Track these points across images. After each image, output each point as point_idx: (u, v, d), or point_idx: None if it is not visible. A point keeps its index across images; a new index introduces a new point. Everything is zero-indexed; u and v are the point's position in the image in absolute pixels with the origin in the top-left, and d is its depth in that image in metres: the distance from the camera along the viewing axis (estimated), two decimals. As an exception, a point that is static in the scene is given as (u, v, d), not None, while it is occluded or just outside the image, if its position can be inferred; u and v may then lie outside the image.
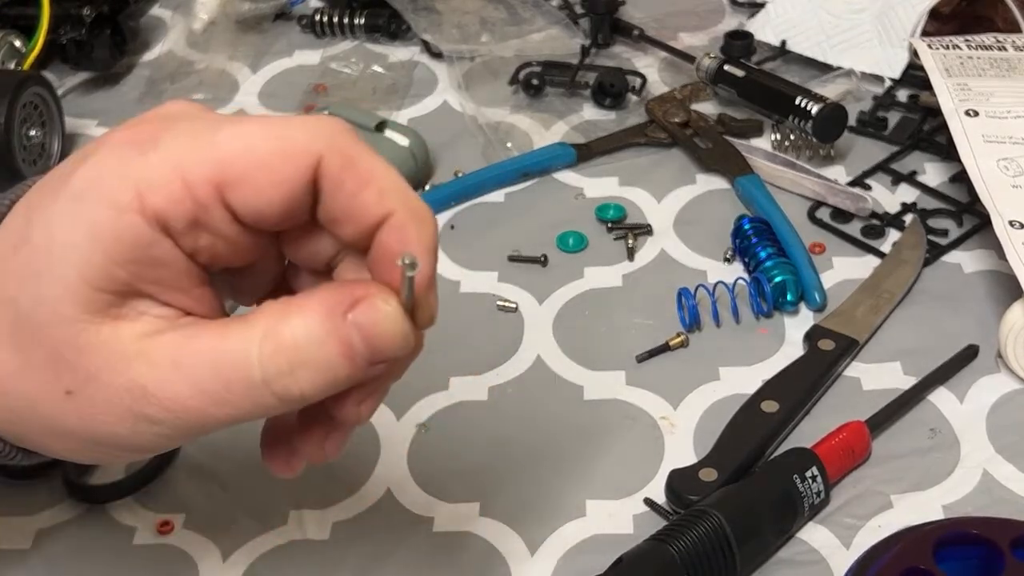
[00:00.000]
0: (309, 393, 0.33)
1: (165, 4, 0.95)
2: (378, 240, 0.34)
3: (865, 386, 0.58)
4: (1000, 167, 0.63)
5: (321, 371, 0.32)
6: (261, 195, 0.32)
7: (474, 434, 0.57)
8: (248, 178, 0.32)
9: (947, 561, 0.44)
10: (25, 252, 0.33)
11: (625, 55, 0.86)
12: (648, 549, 0.47)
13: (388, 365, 0.34)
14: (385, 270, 0.34)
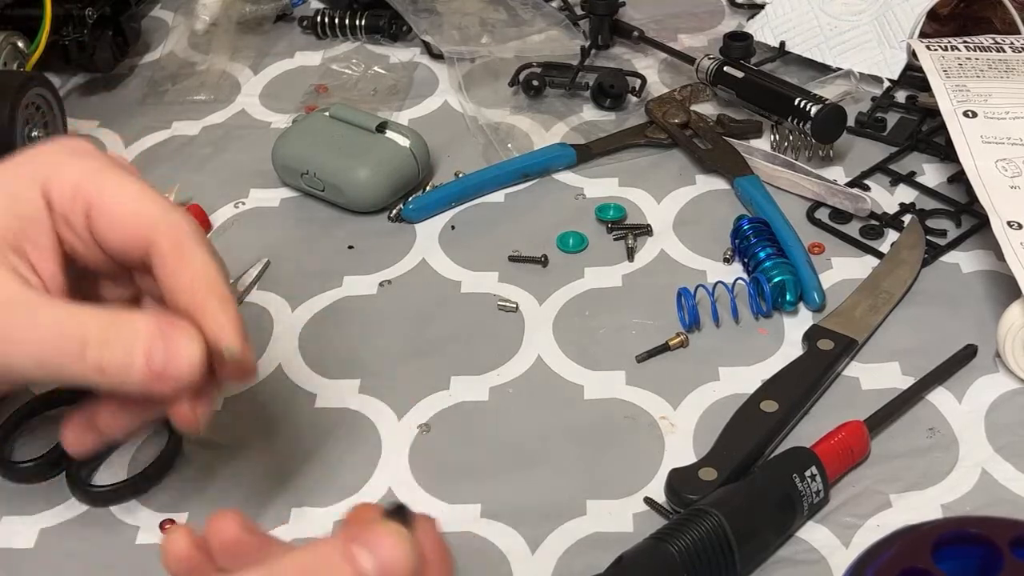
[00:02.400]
0: (109, 370, 0.41)
1: (167, 5, 0.95)
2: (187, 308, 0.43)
3: (864, 386, 0.58)
4: (998, 168, 0.63)
5: (121, 362, 0.40)
6: (107, 231, 0.43)
7: (474, 434, 0.57)
8: (106, 216, 0.43)
9: (946, 560, 0.44)
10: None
11: (625, 56, 0.86)
12: (648, 548, 0.47)
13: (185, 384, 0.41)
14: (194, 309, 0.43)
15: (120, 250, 0.44)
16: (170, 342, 0.41)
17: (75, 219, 0.43)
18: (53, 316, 0.41)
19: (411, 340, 0.63)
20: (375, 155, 0.71)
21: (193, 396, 0.43)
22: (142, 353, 0.40)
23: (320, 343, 0.63)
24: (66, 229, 0.44)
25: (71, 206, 0.43)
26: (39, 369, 0.41)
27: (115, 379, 0.41)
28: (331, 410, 0.59)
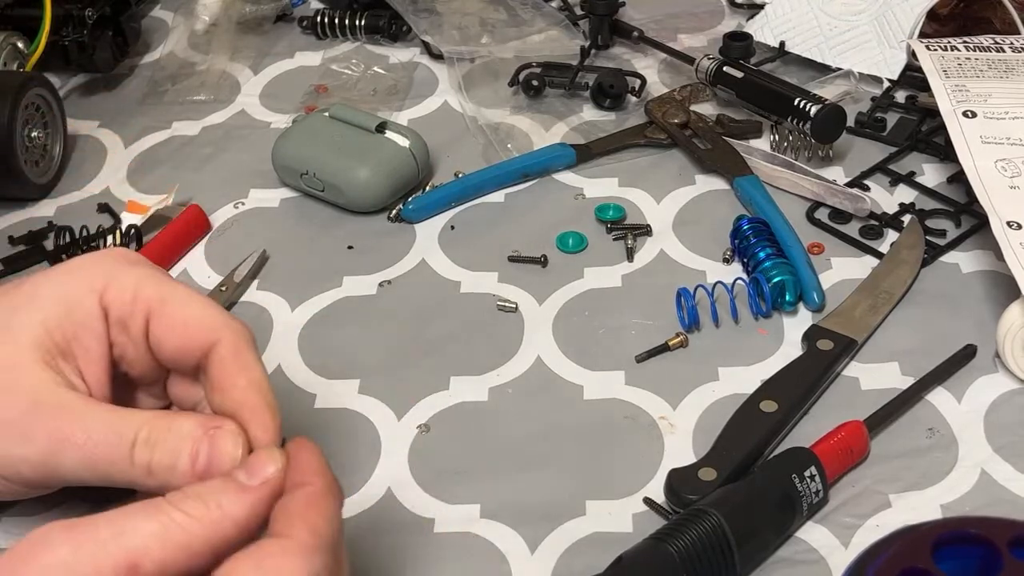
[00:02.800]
0: (157, 471, 0.42)
1: (167, 5, 0.95)
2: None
3: (863, 386, 0.58)
4: (998, 168, 0.63)
5: (168, 463, 0.42)
6: (167, 334, 0.45)
7: (474, 434, 0.57)
8: (168, 319, 0.45)
9: (945, 560, 0.44)
10: (12, 293, 0.46)
11: (625, 56, 0.86)
12: (647, 548, 0.47)
13: None
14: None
15: (175, 353, 0.46)
16: (215, 441, 0.42)
17: (133, 323, 0.46)
18: (102, 419, 0.43)
19: (411, 340, 0.63)
20: (375, 155, 0.71)
21: None
22: (188, 454, 0.42)
23: (320, 343, 0.63)
24: (120, 333, 0.46)
25: (130, 310, 0.45)
26: (88, 471, 0.43)
27: (161, 479, 0.42)
28: (331, 410, 0.59)
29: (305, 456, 0.42)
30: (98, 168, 0.78)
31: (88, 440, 0.43)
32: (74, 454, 0.43)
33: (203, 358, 0.45)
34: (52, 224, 0.72)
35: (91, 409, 0.44)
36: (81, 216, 0.73)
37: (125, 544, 0.37)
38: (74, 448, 0.43)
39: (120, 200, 0.74)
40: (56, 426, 0.43)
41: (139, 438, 0.42)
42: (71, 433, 0.43)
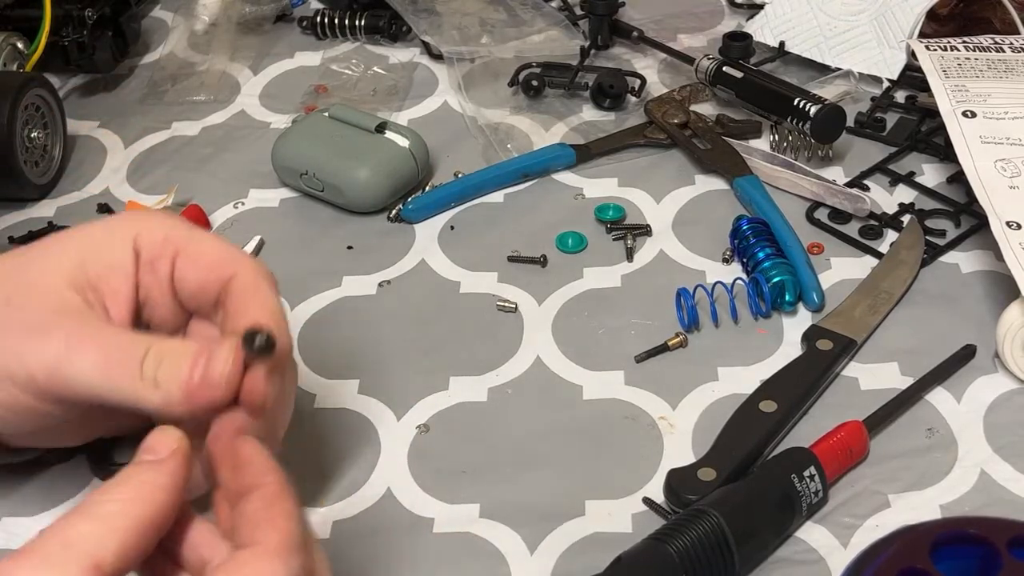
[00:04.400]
0: (163, 383, 0.44)
1: (167, 6, 0.95)
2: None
3: (863, 386, 0.58)
4: (997, 168, 0.63)
5: (172, 375, 0.44)
6: (191, 270, 0.48)
7: (473, 434, 0.57)
8: (193, 257, 0.48)
9: (944, 561, 0.44)
10: (51, 237, 0.49)
11: (624, 56, 0.86)
12: (646, 548, 0.47)
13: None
14: None
15: (197, 288, 0.48)
16: (213, 353, 0.44)
17: (161, 264, 0.48)
18: (118, 333, 0.46)
19: (410, 340, 0.63)
20: (375, 155, 0.71)
21: (232, 430, 0.44)
22: (189, 365, 0.44)
23: (319, 343, 0.63)
24: (148, 274, 0.49)
25: (160, 251, 0.48)
26: (99, 376, 0.44)
27: (164, 392, 0.44)
28: (330, 410, 0.59)
29: (249, 454, 0.42)
30: (98, 168, 0.78)
31: (104, 345, 0.45)
32: (89, 356, 0.44)
33: (222, 292, 0.48)
34: (52, 224, 0.72)
35: (109, 325, 0.47)
36: (81, 216, 0.73)
37: (80, 551, 0.37)
38: (90, 350, 0.45)
39: (120, 200, 0.74)
40: (75, 328, 0.45)
41: (150, 351, 0.45)
42: (89, 335, 0.45)
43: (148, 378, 0.44)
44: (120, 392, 0.45)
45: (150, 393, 0.44)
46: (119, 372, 0.45)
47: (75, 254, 0.48)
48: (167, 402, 0.44)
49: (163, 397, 0.44)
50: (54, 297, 0.47)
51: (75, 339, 0.45)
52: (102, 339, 0.46)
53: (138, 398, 0.44)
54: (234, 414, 0.45)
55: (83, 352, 0.45)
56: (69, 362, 0.45)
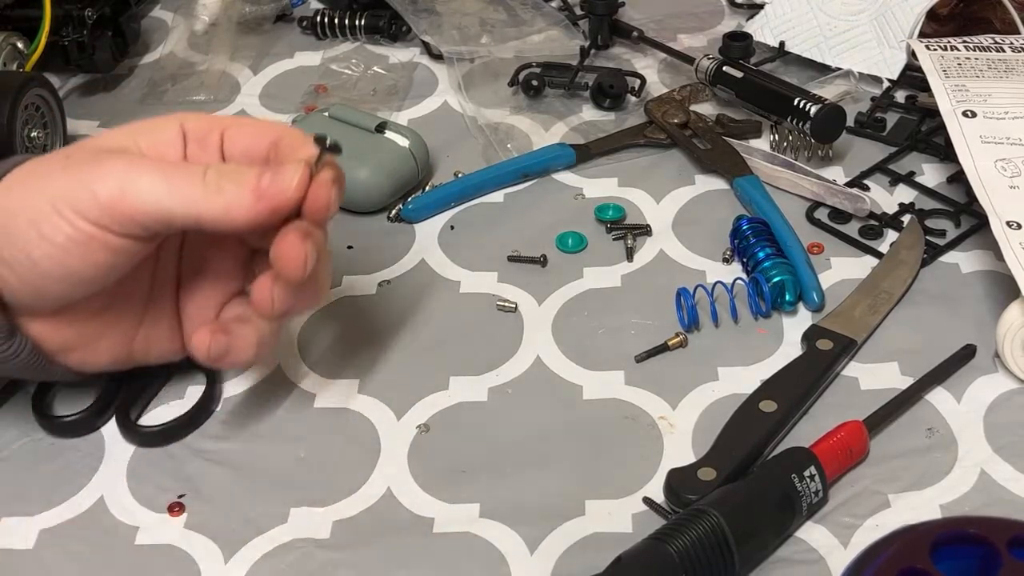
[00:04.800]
0: (227, 191, 0.48)
1: (167, 6, 0.95)
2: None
3: (863, 386, 0.58)
4: (998, 168, 0.63)
5: (236, 184, 0.49)
6: (239, 140, 0.53)
7: (474, 434, 0.57)
8: (240, 129, 0.54)
9: (944, 560, 0.44)
10: (102, 133, 0.54)
11: (624, 56, 0.86)
12: (646, 548, 0.47)
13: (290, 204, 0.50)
14: None
15: (246, 152, 0.53)
16: (278, 171, 0.49)
17: (210, 140, 0.53)
18: (174, 161, 0.52)
19: (410, 340, 0.63)
20: (375, 155, 0.71)
21: (300, 234, 0.49)
22: (254, 175, 0.49)
23: (319, 343, 0.63)
24: (197, 149, 0.53)
25: (207, 129, 0.53)
26: (164, 189, 0.48)
27: (229, 197, 0.48)
28: (330, 410, 0.59)
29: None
30: (98, 168, 0.78)
31: (163, 166, 0.49)
32: (150, 174, 0.48)
33: (270, 151, 0.52)
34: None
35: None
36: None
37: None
38: (151, 169, 0.49)
39: (120, 200, 0.74)
40: (135, 158, 0.50)
41: (210, 168, 0.49)
42: (148, 162, 0.50)
43: (212, 184, 0.48)
44: (183, 201, 0.48)
45: (213, 198, 0.48)
46: (181, 182, 0.48)
47: (127, 132, 0.52)
48: (233, 205, 0.48)
49: (228, 201, 0.48)
50: (110, 149, 0.51)
51: (136, 161, 0.49)
52: (160, 162, 0.50)
53: (201, 205, 0.48)
54: (298, 224, 0.50)
55: (144, 169, 0.49)
56: (133, 179, 0.48)
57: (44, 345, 0.53)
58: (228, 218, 0.48)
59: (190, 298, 0.57)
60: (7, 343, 0.51)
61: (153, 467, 0.56)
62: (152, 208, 0.48)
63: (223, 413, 0.59)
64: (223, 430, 0.58)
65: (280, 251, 0.50)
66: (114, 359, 0.56)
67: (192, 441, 0.57)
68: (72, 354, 0.54)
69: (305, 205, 0.50)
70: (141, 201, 0.48)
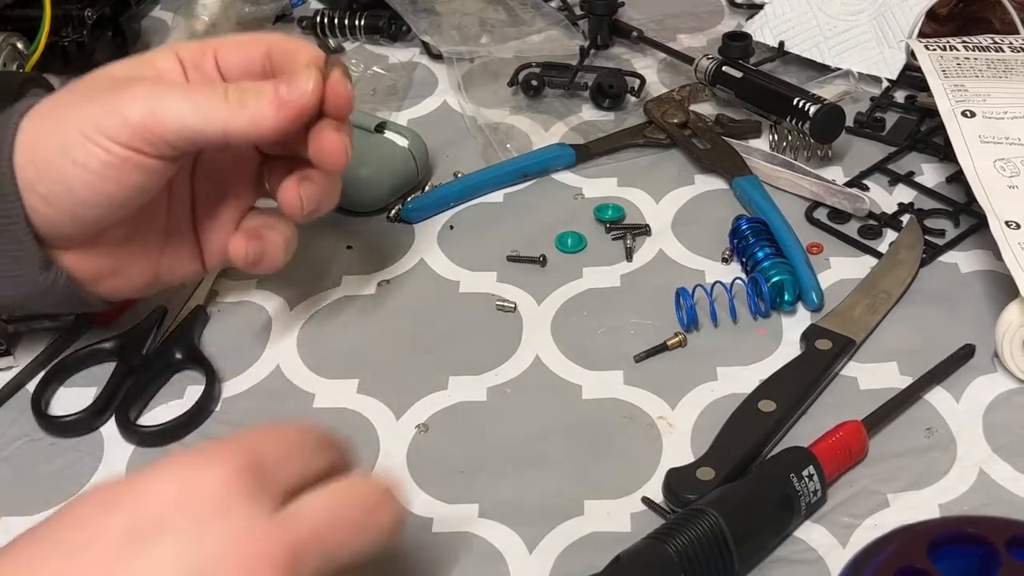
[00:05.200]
0: (248, 104, 0.52)
1: (167, 5, 0.95)
2: None
3: (862, 385, 0.58)
4: (997, 168, 0.63)
5: (256, 97, 0.52)
6: (233, 55, 0.56)
7: (472, 434, 0.57)
8: (231, 46, 0.56)
9: (943, 560, 0.44)
10: (105, 67, 0.55)
11: (624, 56, 0.86)
12: (645, 548, 0.48)
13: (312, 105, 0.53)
14: None
15: (243, 65, 0.55)
16: (293, 77, 0.52)
17: (205, 61, 0.55)
18: (192, 84, 0.55)
19: (409, 340, 0.63)
20: (374, 155, 0.71)
21: (334, 128, 0.54)
22: (272, 87, 0.52)
23: (319, 343, 0.63)
24: (196, 72, 0.55)
25: (200, 54, 0.55)
26: (189, 109, 0.51)
27: (251, 111, 0.51)
28: (329, 410, 0.59)
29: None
30: (98, 168, 0.78)
31: (185, 88, 0.52)
32: (175, 96, 0.51)
33: (265, 61, 0.55)
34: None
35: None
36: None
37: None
38: (174, 92, 0.51)
39: (120, 200, 0.74)
40: (157, 83, 0.53)
41: (229, 87, 0.52)
42: (170, 86, 0.53)
43: (234, 101, 0.51)
44: (210, 118, 0.51)
45: (238, 114, 0.51)
46: (205, 102, 0.51)
47: (130, 64, 0.55)
48: (257, 116, 0.51)
49: (252, 114, 0.51)
50: (127, 78, 0.53)
51: (161, 86, 0.52)
52: (183, 85, 0.53)
53: (227, 121, 0.51)
54: (327, 120, 0.54)
55: (170, 92, 0.51)
56: (160, 102, 0.50)
57: (77, 275, 0.55)
58: (255, 129, 0.51)
59: (207, 218, 0.59)
60: (45, 273, 0.54)
61: (152, 467, 0.56)
62: (181, 127, 0.51)
63: (223, 413, 0.59)
64: (223, 430, 0.58)
65: (320, 146, 0.54)
66: (144, 283, 0.59)
67: (192, 441, 0.57)
68: (104, 282, 0.57)
69: (326, 104, 0.53)
70: (171, 121, 0.50)
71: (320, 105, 0.53)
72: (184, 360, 0.61)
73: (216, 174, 0.59)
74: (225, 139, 0.52)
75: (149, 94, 0.51)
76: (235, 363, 0.62)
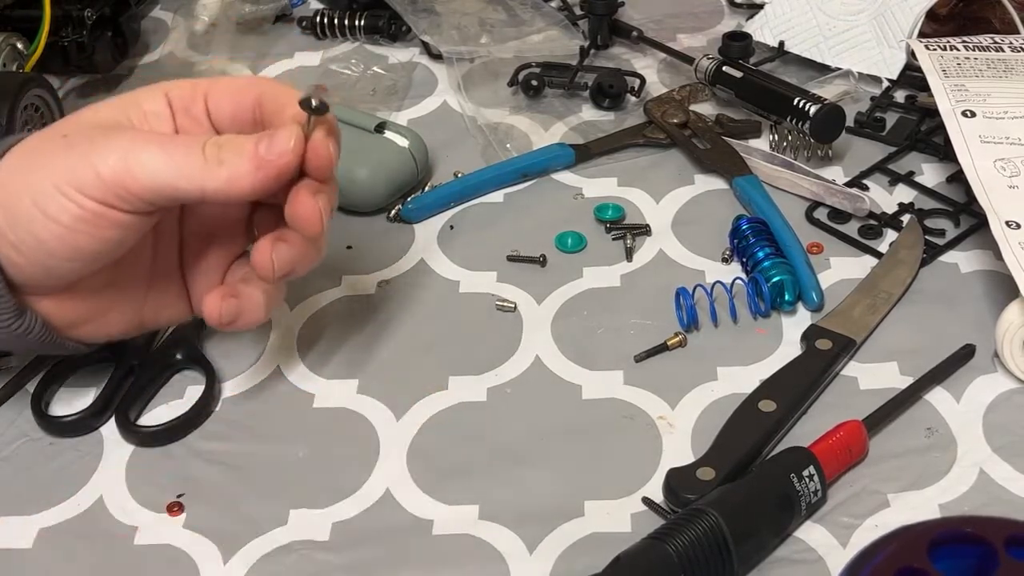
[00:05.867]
0: (227, 161, 0.49)
1: (166, 6, 0.95)
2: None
3: (862, 385, 0.58)
4: (997, 167, 0.63)
5: (235, 155, 0.49)
6: (223, 101, 0.53)
7: (472, 434, 0.57)
8: (222, 90, 0.54)
9: (942, 560, 0.44)
10: (91, 107, 0.53)
11: (624, 56, 0.86)
12: (645, 548, 0.48)
13: (293, 163, 0.50)
14: None
15: (233, 112, 0.53)
16: (273, 135, 0.50)
17: (195, 106, 0.53)
18: (173, 135, 0.52)
19: (409, 340, 0.63)
20: (374, 155, 0.71)
21: (311, 192, 0.51)
22: (252, 145, 0.49)
23: (318, 343, 0.63)
24: (184, 118, 0.53)
25: (190, 96, 0.53)
26: (165, 164, 0.48)
27: (229, 169, 0.49)
28: (329, 410, 0.59)
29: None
30: (98, 168, 0.78)
31: (164, 141, 0.49)
32: (152, 149, 0.49)
33: (256, 109, 0.53)
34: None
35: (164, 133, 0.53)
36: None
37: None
38: (152, 145, 0.49)
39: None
40: (135, 133, 0.51)
41: (209, 141, 0.49)
42: (148, 137, 0.50)
43: (212, 158, 0.49)
44: (185, 175, 0.49)
45: (215, 171, 0.49)
46: (182, 157, 0.49)
47: (117, 105, 0.53)
48: (235, 176, 0.49)
49: (229, 173, 0.49)
50: (107, 126, 0.51)
51: (138, 138, 0.50)
52: (161, 137, 0.50)
53: (205, 179, 0.49)
54: (307, 183, 0.51)
55: (146, 146, 0.49)
56: (135, 156, 0.48)
57: (54, 321, 0.53)
58: (232, 189, 0.49)
59: (194, 262, 0.57)
60: (17, 322, 0.52)
61: (152, 467, 0.56)
62: (156, 184, 0.49)
63: (223, 413, 0.59)
64: (222, 430, 0.58)
65: (294, 211, 0.51)
66: (127, 328, 0.56)
67: (191, 441, 0.57)
68: (83, 327, 0.55)
69: (307, 164, 0.51)
70: (145, 177, 0.48)
71: (301, 164, 0.50)
72: (184, 360, 0.61)
73: (205, 218, 0.57)
74: (202, 197, 0.49)
75: (125, 148, 0.49)
76: (235, 363, 0.62)
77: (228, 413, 0.59)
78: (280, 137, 0.49)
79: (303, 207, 0.51)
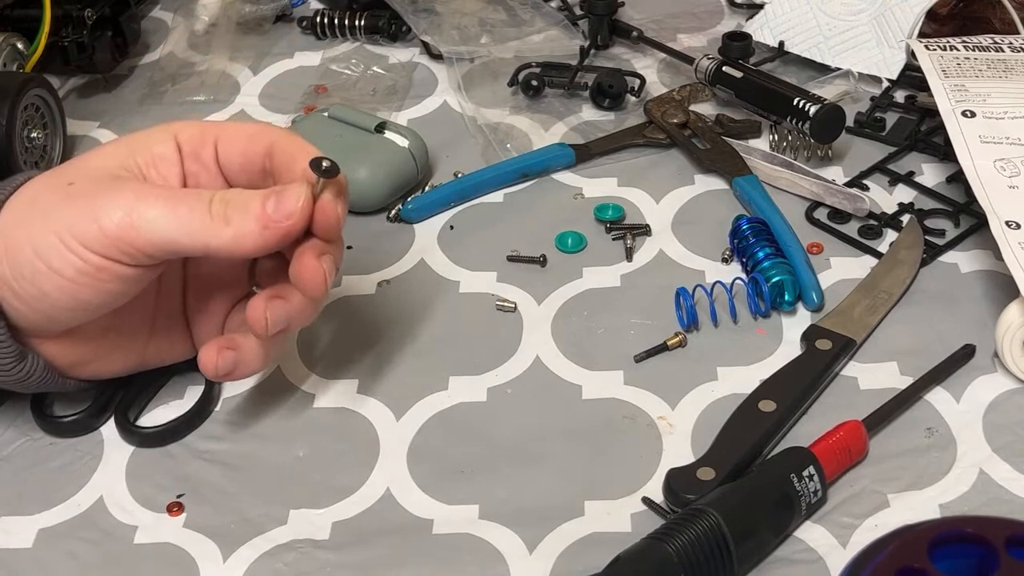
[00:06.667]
0: (233, 220, 0.49)
1: (166, 6, 0.95)
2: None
3: (862, 385, 0.58)
4: (997, 167, 0.63)
5: (241, 212, 0.49)
6: (233, 148, 0.53)
7: (472, 434, 0.57)
8: (233, 137, 0.53)
9: (942, 560, 0.44)
10: (98, 150, 0.53)
11: (624, 56, 0.86)
12: (645, 548, 0.48)
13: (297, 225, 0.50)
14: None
15: (242, 162, 0.53)
16: (281, 194, 0.49)
17: (204, 151, 0.53)
18: (178, 188, 0.52)
19: (409, 340, 0.63)
20: (374, 155, 0.71)
21: (316, 253, 0.50)
22: (260, 204, 0.49)
23: (318, 343, 0.63)
24: (193, 163, 0.53)
25: (200, 140, 0.53)
26: (169, 220, 0.48)
27: (236, 227, 0.48)
28: (329, 410, 0.59)
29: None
30: (98, 168, 0.78)
31: (169, 195, 0.49)
32: (156, 204, 0.48)
33: (265, 159, 0.52)
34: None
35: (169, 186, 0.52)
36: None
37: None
38: (157, 199, 0.48)
39: (119, 200, 0.74)
40: (140, 186, 0.50)
41: (215, 196, 0.49)
42: (153, 190, 0.49)
43: (218, 215, 0.48)
44: (190, 232, 0.48)
45: (220, 230, 0.48)
46: (187, 213, 0.48)
47: (124, 148, 0.52)
48: (240, 235, 0.48)
49: (235, 231, 0.48)
50: (113, 175, 0.50)
51: (142, 192, 0.49)
52: (166, 192, 0.49)
53: (209, 237, 0.48)
54: (313, 243, 0.50)
55: (151, 201, 0.48)
56: (138, 211, 0.48)
57: (56, 363, 0.53)
58: (237, 247, 0.49)
59: (198, 305, 0.57)
60: (19, 366, 0.52)
61: (152, 467, 0.56)
62: (160, 240, 0.48)
63: (222, 413, 0.59)
64: (222, 430, 0.58)
65: (298, 272, 0.51)
66: (129, 367, 0.57)
67: (191, 441, 0.57)
68: (85, 368, 0.55)
69: (314, 225, 0.50)
70: (150, 233, 0.48)
71: (309, 225, 0.50)
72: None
73: (210, 264, 0.57)
74: (206, 253, 0.49)
75: (130, 203, 0.48)
76: (235, 363, 0.62)
77: (228, 413, 0.59)
78: (288, 198, 0.49)
79: (307, 270, 0.50)
